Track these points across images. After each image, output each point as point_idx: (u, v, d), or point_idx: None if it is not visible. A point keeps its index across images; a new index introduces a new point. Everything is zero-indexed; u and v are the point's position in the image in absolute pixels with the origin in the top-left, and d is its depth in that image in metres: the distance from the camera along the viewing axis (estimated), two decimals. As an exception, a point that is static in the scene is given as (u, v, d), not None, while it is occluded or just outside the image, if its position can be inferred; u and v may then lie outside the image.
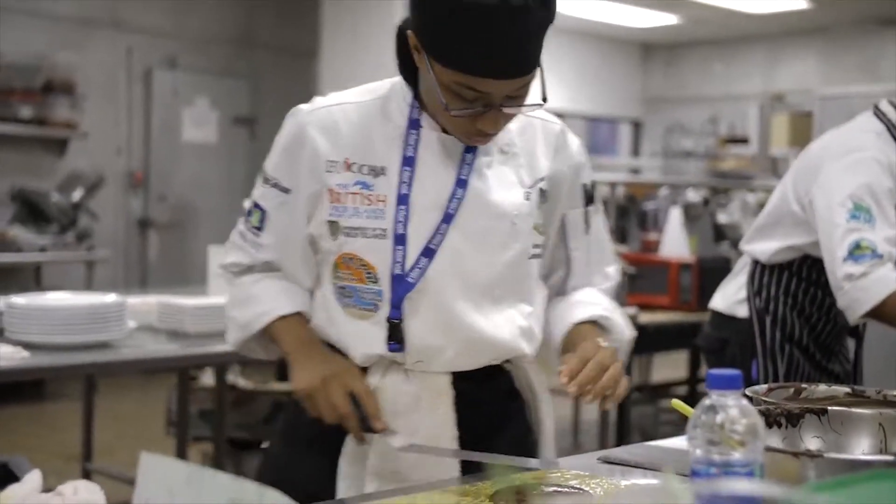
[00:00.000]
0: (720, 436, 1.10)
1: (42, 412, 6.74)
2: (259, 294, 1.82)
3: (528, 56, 1.61)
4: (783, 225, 2.87)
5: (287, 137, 1.80)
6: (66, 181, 7.24)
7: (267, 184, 1.81)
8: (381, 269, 1.74)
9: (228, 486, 1.02)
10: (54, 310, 2.96)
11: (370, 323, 1.76)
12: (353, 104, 1.78)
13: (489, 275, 1.76)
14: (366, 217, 1.73)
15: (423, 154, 1.74)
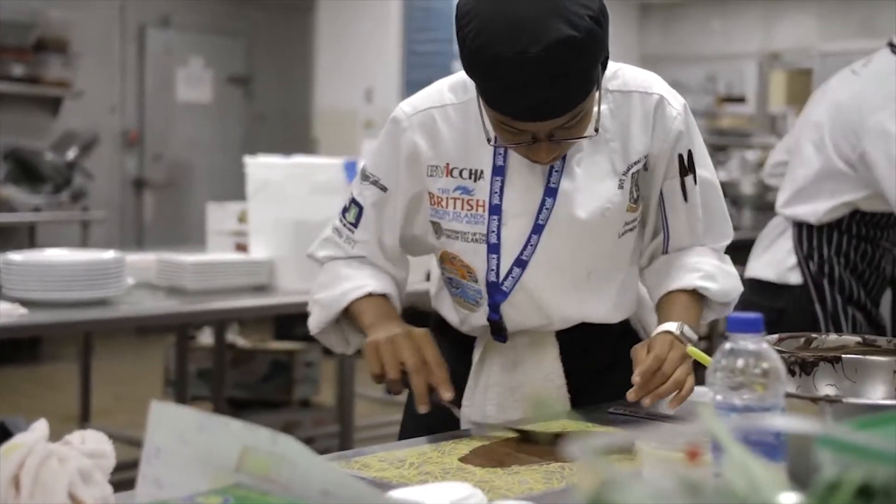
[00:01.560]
0: (741, 379, 1.08)
1: (38, 373, 6.73)
2: (350, 273, 1.83)
3: (570, 95, 1.56)
4: (828, 185, 2.82)
5: (388, 138, 1.81)
6: (60, 140, 7.18)
7: (366, 181, 1.83)
8: (480, 272, 1.79)
9: (240, 433, 1.00)
10: (52, 266, 2.93)
11: (474, 315, 1.84)
12: (453, 106, 1.77)
13: (582, 268, 1.79)
14: (465, 222, 1.76)
15: (513, 162, 1.73)
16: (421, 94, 1.83)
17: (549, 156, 1.64)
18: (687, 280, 1.81)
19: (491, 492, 1.32)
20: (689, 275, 1.82)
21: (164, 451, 1.02)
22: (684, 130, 1.77)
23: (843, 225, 2.84)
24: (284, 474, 0.98)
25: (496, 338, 1.84)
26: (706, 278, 1.81)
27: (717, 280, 1.82)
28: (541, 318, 1.82)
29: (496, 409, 1.82)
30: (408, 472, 1.44)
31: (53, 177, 6.92)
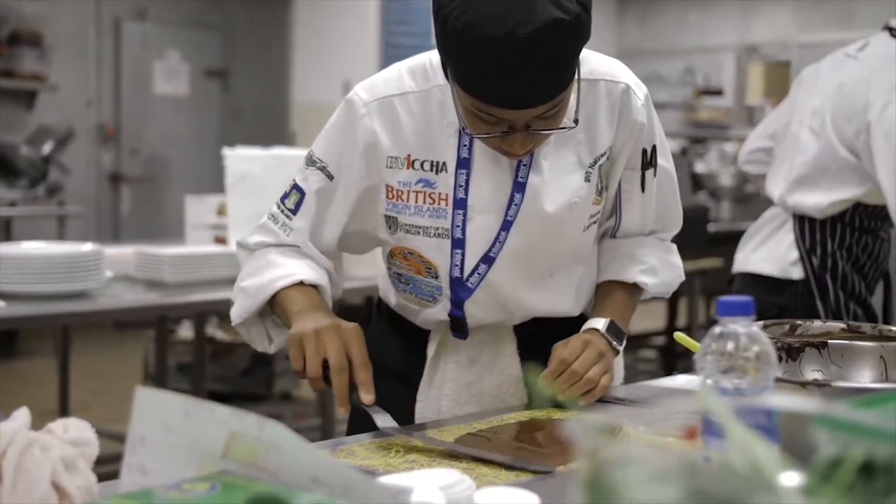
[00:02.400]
0: (732, 363, 1.07)
1: (15, 369, 6.67)
2: (281, 261, 1.70)
3: (552, 83, 1.50)
4: (830, 172, 2.79)
5: (343, 124, 1.71)
6: (35, 134, 7.12)
7: (312, 166, 1.72)
8: (443, 268, 1.72)
9: (227, 419, 0.98)
10: (30, 259, 2.90)
11: (429, 310, 1.77)
12: (414, 94, 1.68)
13: (546, 263, 1.75)
14: (428, 216, 1.69)
15: (478, 155, 1.66)
16: (378, 78, 1.73)
17: (523, 148, 1.56)
18: (628, 273, 1.81)
19: (478, 479, 1.31)
20: (633, 267, 1.81)
21: (149, 438, 1.01)
22: (646, 123, 1.74)
23: (847, 217, 2.82)
24: (272, 461, 0.97)
25: (456, 334, 1.78)
26: (648, 273, 1.81)
27: (659, 274, 1.83)
28: (502, 314, 1.77)
29: (452, 405, 1.77)
30: (394, 460, 1.43)
31: (29, 171, 6.86)
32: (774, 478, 0.60)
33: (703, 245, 5.14)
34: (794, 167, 2.88)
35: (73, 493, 1.02)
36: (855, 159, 2.75)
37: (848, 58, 2.87)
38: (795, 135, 2.90)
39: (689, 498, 0.58)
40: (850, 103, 2.76)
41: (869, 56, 2.82)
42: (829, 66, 2.92)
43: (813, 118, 2.85)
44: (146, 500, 0.91)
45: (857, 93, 2.76)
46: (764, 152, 3.13)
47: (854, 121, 2.74)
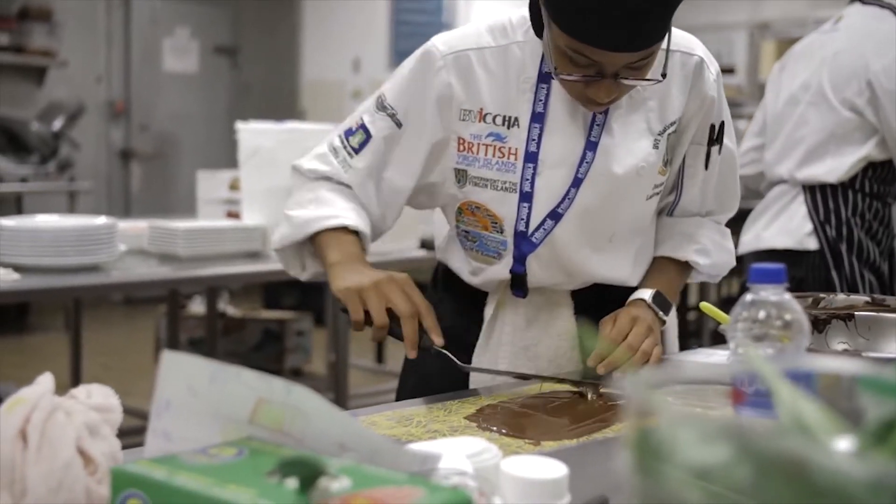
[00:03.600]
0: (763, 331, 1.06)
1: (27, 343, 6.69)
2: (331, 199, 1.72)
3: (651, 31, 1.49)
4: (836, 136, 2.82)
5: (418, 73, 1.72)
6: (45, 110, 7.12)
7: (383, 111, 1.73)
8: (508, 222, 1.72)
9: (254, 384, 0.97)
10: (43, 232, 2.89)
11: (492, 268, 1.78)
12: (490, 49, 1.70)
13: (609, 227, 1.75)
14: (496, 169, 1.69)
15: (553, 110, 1.68)
16: (457, 32, 1.75)
17: (608, 96, 1.57)
18: (682, 251, 1.82)
19: (502, 448, 1.30)
20: (687, 246, 1.82)
21: (174, 403, 0.99)
22: (717, 98, 1.76)
23: (857, 183, 2.84)
24: (299, 426, 0.95)
25: (515, 292, 1.79)
26: (701, 253, 1.82)
27: (711, 255, 1.84)
28: (562, 276, 1.78)
29: (508, 367, 1.79)
30: (416, 430, 1.42)
31: (39, 147, 6.85)
32: (827, 437, 0.58)
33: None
34: (798, 141, 2.91)
35: (97, 459, 1.00)
36: (858, 117, 2.80)
37: (825, 34, 2.94)
38: (787, 113, 2.92)
39: (740, 458, 0.56)
40: (847, 66, 2.81)
41: (850, 25, 2.88)
42: (808, 45, 2.98)
43: (804, 92, 2.89)
44: (173, 464, 0.89)
45: (853, 55, 2.81)
46: (755, 151, 3.15)
47: (855, 80, 2.79)
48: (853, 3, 2.91)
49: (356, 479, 0.86)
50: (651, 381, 0.59)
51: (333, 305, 4.20)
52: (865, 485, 0.53)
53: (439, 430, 1.43)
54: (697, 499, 0.57)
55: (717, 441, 0.57)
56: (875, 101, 2.75)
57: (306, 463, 0.84)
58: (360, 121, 1.75)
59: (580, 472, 1.12)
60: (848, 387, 0.72)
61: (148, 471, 0.88)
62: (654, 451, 0.59)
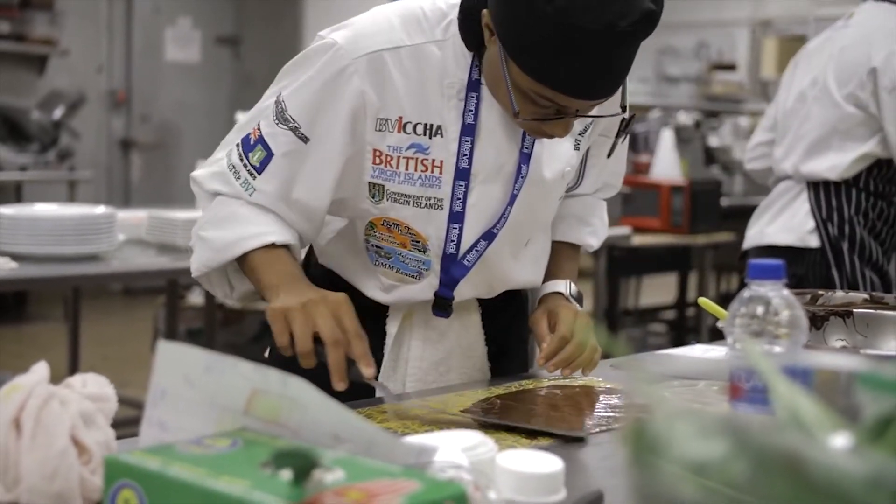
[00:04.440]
0: (761, 327, 1.05)
1: (25, 333, 6.69)
2: (248, 216, 1.53)
3: (621, 74, 1.42)
4: (839, 132, 2.81)
5: (325, 82, 1.50)
6: (46, 99, 7.10)
7: (283, 124, 1.52)
8: (434, 242, 1.58)
9: (250, 374, 0.97)
10: (42, 220, 2.89)
11: (410, 287, 1.63)
12: (407, 48, 1.51)
13: (530, 231, 1.68)
14: (419, 185, 1.54)
15: (485, 121, 1.54)
16: (365, 26, 1.53)
17: (566, 131, 1.48)
18: (577, 234, 1.81)
19: (498, 442, 1.30)
20: (581, 228, 1.81)
21: (169, 393, 0.99)
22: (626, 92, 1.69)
23: (861, 182, 2.83)
24: (295, 418, 0.95)
25: (438, 313, 1.64)
26: (593, 234, 1.82)
27: (599, 235, 1.84)
28: (485, 289, 1.68)
29: (417, 386, 1.66)
30: (412, 423, 1.42)
31: (40, 136, 6.84)
32: (824, 432, 0.58)
33: (715, 219, 5.12)
34: (802, 136, 2.91)
35: (92, 448, 1.00)
36: (861, 113, 2.79)
37: (837, 30, 2.94)
38: (796, 110, 2.93)
39: (736, 453, 0.56)
40: (852, 61, 2.81)
41: (861, 21, 2.88)
42: (822, 41, 2.98)
43: (813, 88, 2.90)
44: (167, 454, 0.89)
45: (858, 50, 2.81)
46: (766, 146, 3.15)
47: (857, 75, 2.79)
48: (867, 1, 2.90)
49: (350, 472, 0.86)
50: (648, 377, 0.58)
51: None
52: (862, 481, 0.53)
53: (435, 423, 1.42)
54: (693, 493, 0.57)
55: (714, 436, 0.57)
56: (876, 93, 2.75)
57: (300, 454, 0.84)
58: (258, 132, 1.54)
59: (576, 466, 1.12)
60: (845, 383, 0.72)
61: (141, 461, 0.88)
62: (650, 445, 0.58)
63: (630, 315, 6.21)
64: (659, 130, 5.80)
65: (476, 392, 1.60)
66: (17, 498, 0.97)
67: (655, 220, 5.00)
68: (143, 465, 0.87)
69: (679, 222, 4.99)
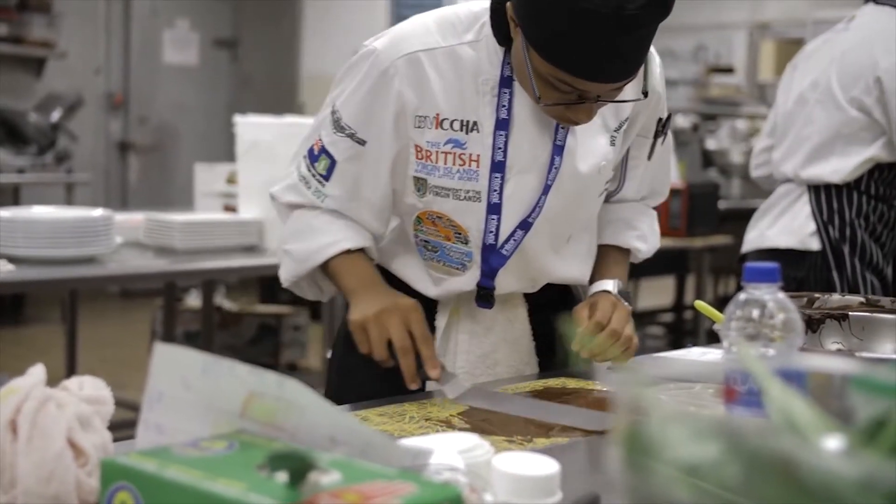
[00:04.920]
0: (757, 330, 1.06)
1: (22, 335, 6.68)
2: (322, 226, 1.68)
3: (636, 59, 1.48)
4: (842, 136, 2.80)
5: (367, 84, 1.63)
6: (43, 101, 7.10)
7: (341, 132, 1.65)
8: (474, 233, 1.67)
9: (246, 377, 0.97)
10: (40, 223, 2.89)
11: (456, 279, 1.71)
12: (442, 50, 1.62)
13: (571, 227, 1.74)
14: (458, 178, 1.63)
15: (518, 115, 1.62)
16: (403, 31, 1.65)
17: (588, 117, 1.54)
18: (625, 238, 1.83)
19: (494, 445, 1.30)
20: (628, 232, 1.83)
21: (166, 395, 0.99)
22: (662, 92, 1.75)
23: (863, 185, 2.82)
24: (291, 420, 0.95)
25: (481, 305, 1.73)
26: (641, 239, 1.84)
27: (648, 241, 1.85)
28: (527, 282, 1.74)
29: (466, 378, 1.71)
30: (408, 426, 1.42)
31: (37, 138, 6.84)
32: (817, 435, 0.58)
33: (713, 222, 5.12)
34: (804, 140, 2.89)
35: (88, 451, 1.00)
36: (866, 117, 2.78)
37: (838, 33, 2.92)
38: (796, 112, 2.92)
39: (730, 456, 0.56)
40: (856, 64, 2.79)
41: (861, 24, 2.86)
42: (821, 44, 2.96)
43: (813, 91, 2.88)
44: (164, 457, 0.89)
45: (862, 54, 2.79)
46: (767, 152, 3.13)
47: (862, 79, 2.77)
48: (867, 3, 2.89)
49: (346, 474, 0.86)
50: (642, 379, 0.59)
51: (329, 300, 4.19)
52: (855, 483, 0.53)
53: (432, 426, 1.42)
54: (687, 496, 0.57)
55: (708, 439, 0.57)
56: (883, 100, 2.74)
57: (296, 457, 0.84)
58: (320, 143, 1.68)
59: (572, 468, 1.12)
60: (839, 386, 0.72)
61: (138, 463, 0.88)
62: (644, 448, 0.59)
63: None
64: (656, 133, 5.78)
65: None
66: (14, 500, 0.97)
67: (653, 223, 4.99)
68: (140, 467, 0.87)
69: (677, 225, 4.99)
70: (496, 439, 1.36)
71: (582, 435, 1.41)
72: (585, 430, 1.42)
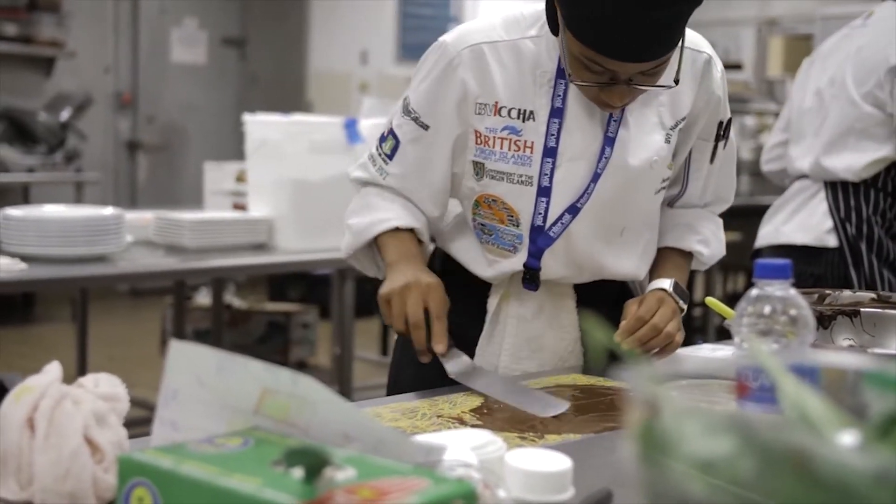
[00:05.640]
0: (768, 326, 1.06)
1: (33, 334, 6.70)
2: (379, 204, 1.80)
3: (666, 41, 1.53)
4: (855, 131, 2.79)
5: (434, 73, 1.74)
6: (53, 101, 7.12)
7: (407, 115, 1.78)
8: (524, 216, 1.74)
9: (260, 374, 0.97)
10: (51, 222, 2.90)
11: (507, 261, 1.79)
12: (505, 43, 1.72)
13: (621, 221, 1.78)
14: (512, 163, 1.71)
15: (572, 106, 1.69)
16: (471, 26, 1.78)
17: (621, 100, 1.60)
18: (686, 241, 1.86)
19: (507, 441, 1.30)
20: (690, 236, 1.86)
21: (181, 393, 1.00)
22: (722, 96, 1.79)
23: (880, 182, 2.80)
24: (305, 417, 0.96)
25: (527, 286, 1.80)
26: (703, 243, 1.87)
27: (711, 245, 1.88)
28: (573, 269, 1.79)
29: (510, 360, 1.80)
30: (421, 423, 1.43)
31: (47, 137, 6.86)
32: (831, 430, 0.59)
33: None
34: (819, 134, 2.87)
35: (104, 448, 1.01)
36: (880, 113, 2.76)
37: (855, 29, 2.91)
38: (814, 109, 2.90)
39: (744, 451, 0.57)
40: (870, 59, 2.78)
41: (878, 19, 2.85)
42: (839, 40, 2.95)
43: (831, 87, 2.87)
44: (179, 453, 0.90)
45: (876, 49, 2.78)
46: (781, 147, 3.12)
47: (875, 73, 2.76)
48: (885, 2, 2.88)
49: (361, 470, 0.87)
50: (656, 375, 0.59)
51: (339, 298, 4.20)
52: (869, 478, 0.53)
53: (444, 423, 1.43)
54: (701, 491, 0.57)
55: (721, 434, 0.58)
56: (894, 93, 2.73)
57: (311, 453, 0.84)
58: (390, 126, 1.81)
59: (584, 464, 1.12)
60: (852, 382, 0.72)
61: (154, 459, 0.88)
62: (658, 443, 0.59)
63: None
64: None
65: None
66: (31, 497, 0.98)
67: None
68: (157, 463, 0.88)
69: (685, 222, 4.96)
70: (509, 435, 1.36)
71: (594, 432, 1.41)
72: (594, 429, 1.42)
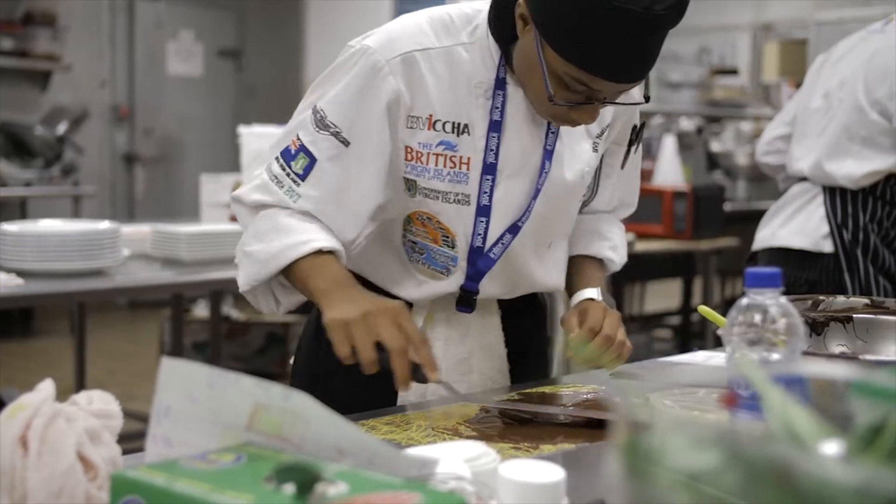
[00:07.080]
0: (759, 335, 1.06)
1: (31, 348, 6.70)
2: (293, 225, 1.56)
3: (652, 59, 1.47)
4: (860, 138, 2.77)
5: (357, 82, 1.57)
6: (49, 114, 7.13)
7: (324, 130, 1.57)
8: (461, 237, 1.64)
9: (252, 390, 0.98)
10: (47, 236, 2.90)
11: (439, 283, 1.68)
12: (437, 50, 1.58)
13: (553, 233, 1.73)
14: (448, 181, 1.60)
15: (511, 119, 1.60)
16: (396, 30, 1.60)
17: (592, 119, 1.54)
18: (597, 248, 1.83)
19: (500, 452, 1.31)
20: (601, 243, 1.84)
21: (173, 409, 1.00)
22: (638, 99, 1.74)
23: (878, 191, 2.80)
24: (297, 432, 0.96)
25: (461, 309, 1.70)
26: (613, 250, 1.85)
27: (619, 251, 1.86)
28: (508, 287, 1.72)
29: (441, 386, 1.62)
30: (416, 434, 1.43)
31: (44, 151, 6.87)
32: (815, 443, 0.59)
33: (718, 224, 5.12)
34: (822, 136, 2.85)
35: (98, 465, 1.01)
36: (886, 122, 2.74)
37: (872, 33, 2.89)
38: (822, 109, 2.87)
39: (728, 464, 0.57)
40: (882, 68, 2.76)
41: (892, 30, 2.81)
42: (854, 43, 2.92)
43: (841, 90, 2.84)
44: (173, 470, 0.90)
45: (889, 57, 2.76)
46: (782, 140, 3.09)
47: (886, 83, 2.74)
48: None
49: (353, 484, 0.87)
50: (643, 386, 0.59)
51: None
52: (852, 490, 0.53)
53: (439, 435, 1.43)
54: (687, 502, 0.58)
55: (707, 446, 0.58)
56: None
57: (303, 468, 0.85)
58: (298, 142, 1.59)
59: (578, 475, 1.12)
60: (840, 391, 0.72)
61: (147, 476, 0.89)
62: (645, 454, 0.59)
63: (635, 321, 6.21)
64: (661, 136, 5.80)
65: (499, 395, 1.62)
66: (25, 515, 0.98)
67: (658, 227, 5.00)
68: (150, 480, 0.88)
69: (682, 228, 4.98)
70: (502, 447, 1.36)
71: (587, 441, 1.41)
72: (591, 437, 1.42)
